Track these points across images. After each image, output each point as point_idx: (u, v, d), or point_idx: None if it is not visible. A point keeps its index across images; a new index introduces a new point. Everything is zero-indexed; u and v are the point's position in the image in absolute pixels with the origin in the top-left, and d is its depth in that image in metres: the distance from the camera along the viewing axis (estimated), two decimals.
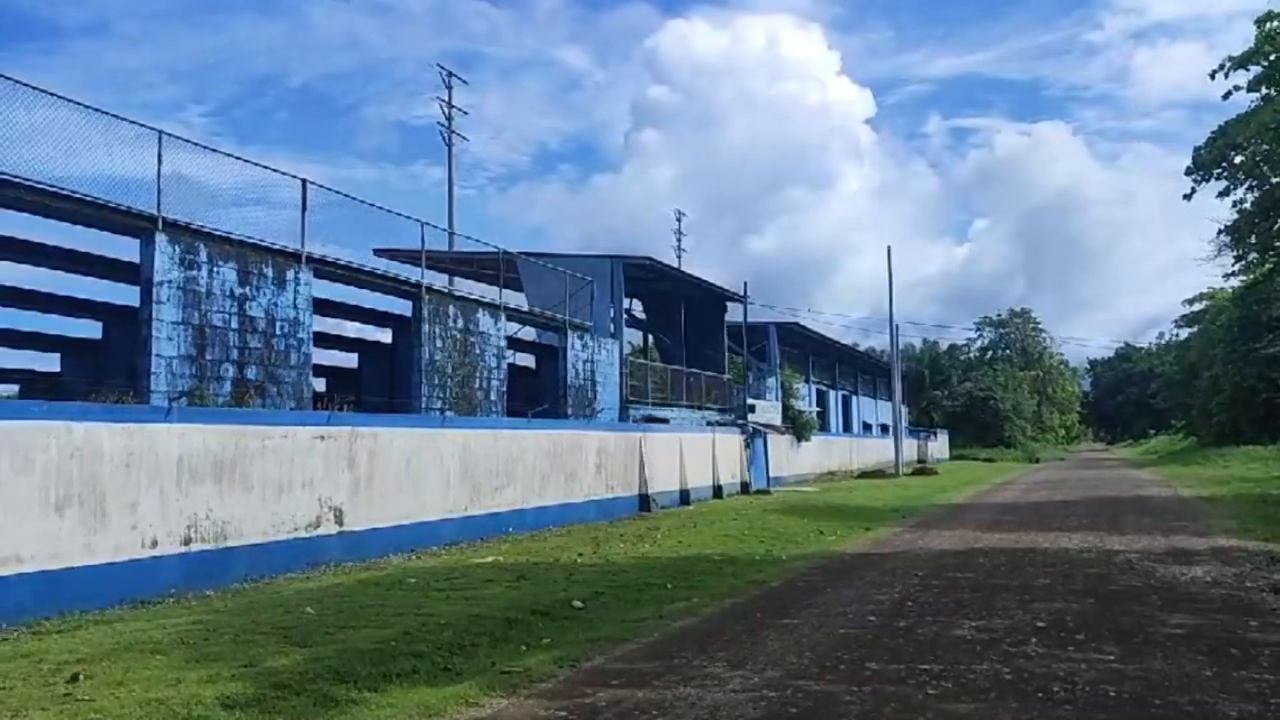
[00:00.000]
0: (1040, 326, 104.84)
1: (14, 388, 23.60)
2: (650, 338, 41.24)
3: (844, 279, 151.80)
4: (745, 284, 39.20)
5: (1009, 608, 10.45)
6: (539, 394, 25.61)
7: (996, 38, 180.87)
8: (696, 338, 36.60)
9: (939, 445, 76.16)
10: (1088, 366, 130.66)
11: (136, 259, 14.65)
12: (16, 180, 12.60)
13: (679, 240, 59.69)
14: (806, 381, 50.79)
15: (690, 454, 28.91)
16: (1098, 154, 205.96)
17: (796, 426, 41.95)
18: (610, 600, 11.37)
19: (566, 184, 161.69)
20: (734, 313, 39.28)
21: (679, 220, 60.29)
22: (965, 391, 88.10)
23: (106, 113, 13.80)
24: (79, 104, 13.48)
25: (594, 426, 25.12)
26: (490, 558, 15.28)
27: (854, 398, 64.28)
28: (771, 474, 36.29)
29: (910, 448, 63.00)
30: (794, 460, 41.21)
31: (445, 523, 17.38)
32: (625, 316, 33.55)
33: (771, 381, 43.42)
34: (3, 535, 10.27)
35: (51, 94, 13.12)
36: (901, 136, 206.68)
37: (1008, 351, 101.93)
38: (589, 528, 20.22)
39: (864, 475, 47.26)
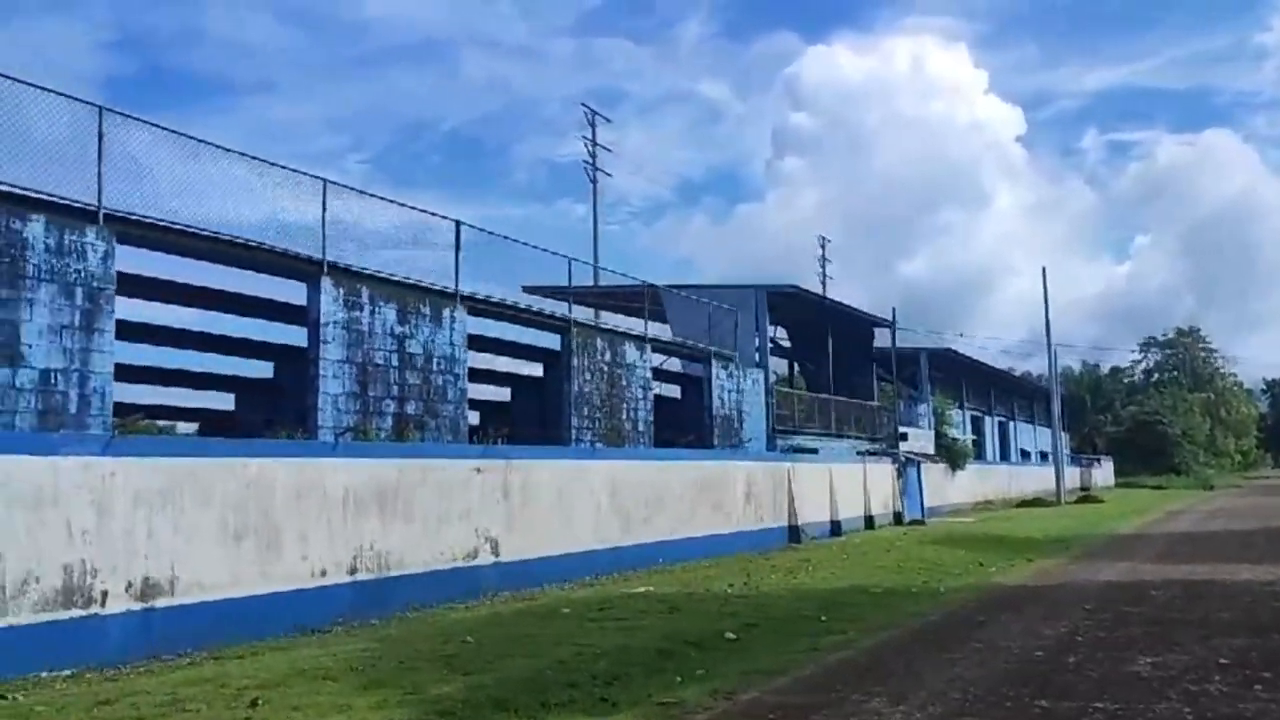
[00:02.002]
0: (1211, 346, 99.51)
1: (194, 426, 25.04)
2: (796, 366, 40.85)
3: (998, 301, 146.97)
4: (894, 309, 38.42)
5: (1187, 643, 9.87)
6: (685, 424, 25.65)
7: (1152, 47, 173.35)
8: (843, 365, 36.05)
9: (1103, 472, 72.84)
10: (1264, 387, 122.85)
11: (303, 301, 15.42)
12: (194, 230, 13.45)
13: (824, 266, 58.86)
14: (960, 408, 49.40)
15: (840, 484, 28.45)
16: (1271, 162, 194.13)
17: (951, 455, 40.77)
18: (764, 632, 11.26)
19: (710, 215, 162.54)
20: (882, 339, 38.58)
21: (823, 246, 59.45)
22: (1130, 416, 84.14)
23: (274, 164, 14.63)
24: (250, 157, 14.34)
25: (741, 457, 25.01)
26: (642, 588, 15.36)
27: (1011, 424, 62.09)
28: (926, 504, 35.31)
29: (1072, 475, 60.41)
30: (949, 490, 40.02)
31: (596, 553, 17.56)
32: (770, 345, 33.35)
33: (923, 408, 42.37)
34: (187, 564, 10.93)
35: (225, 149, 13.99)
36: (1055, 153, 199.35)
37: (1175, 373, 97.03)
38: (738, 559, 20.08)
39: (1023, 504, 45.52)
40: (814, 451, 29.13)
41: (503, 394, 28.30)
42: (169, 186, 13.22)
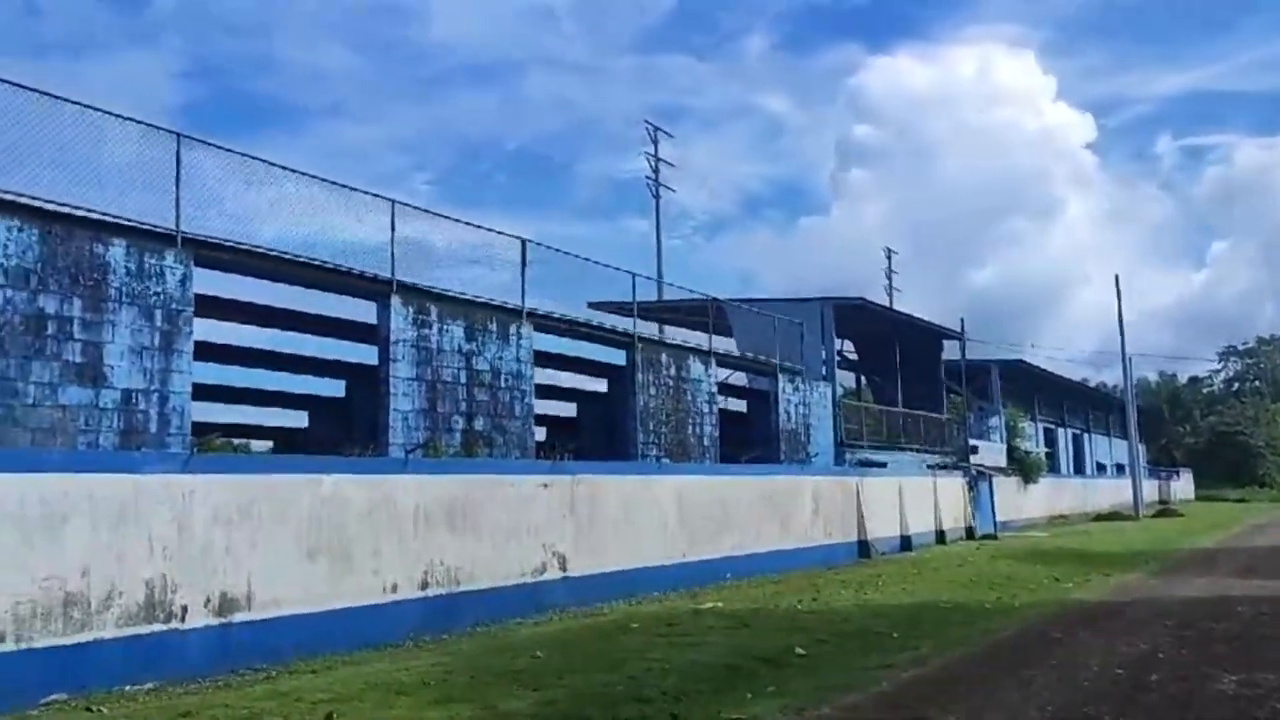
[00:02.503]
0: None
1: (268, 444, 25.55)
2: (863, 379, 40.44)
3: (1070, 311, 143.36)
4: (962, 320, 37.88)
5: (1275, 661, 9.56)
6: (751, 439, 25.53)
7: (1227, 50, 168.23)
8: (912, 378, 35.61)
9: (1182, 485, 70.96)
10: None
11: (374, 320, 15.66)
12: (268, 252, 13.74)
13: (890, 278, 58.19)
14: (1032, 420, 48.47)
15: (910, 498, 28.08)
16: None
17: (1023, 468, 40.04)
18: (834, 648, 11.14)
19: (773, 228, 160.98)
20: (951, 350, 38.06)
21: (889, 258, 58.78)
22: (1209, 427, 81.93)
23: (344, 185, 14.89)
24: (320, 179, 14.61)
25: (808, 471, 24.81)
26: (710, 604, 15.29)
27: (1085, 436, 60.76)
28: (998, 518, 34.70)
29: (1150, 488, 58.90)
30: (1021, 503, 39.28)
31: (664, 569, 17.54)
32: (837, 358, 33.08)
33: (994, 421, 41.67)
34: (263, 579, 11.14)
35: (296, 171, 14.28)
36: (1128, 159, 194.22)
37: (1257, 383, 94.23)
38: (807, 574, 19.91)
39: (1099, 518, 44.55)
40: (883, 465, 28.78)
41: (568, 409, 28.44)
42: (243, 209, 13.56)
